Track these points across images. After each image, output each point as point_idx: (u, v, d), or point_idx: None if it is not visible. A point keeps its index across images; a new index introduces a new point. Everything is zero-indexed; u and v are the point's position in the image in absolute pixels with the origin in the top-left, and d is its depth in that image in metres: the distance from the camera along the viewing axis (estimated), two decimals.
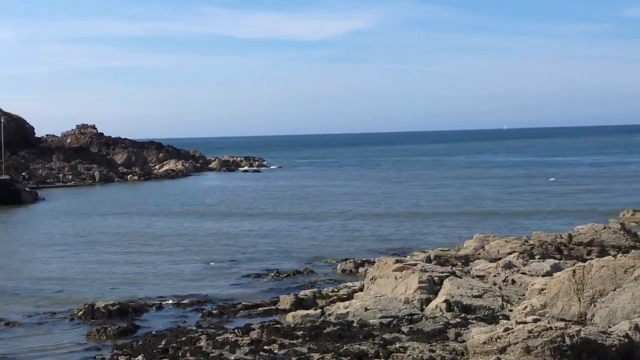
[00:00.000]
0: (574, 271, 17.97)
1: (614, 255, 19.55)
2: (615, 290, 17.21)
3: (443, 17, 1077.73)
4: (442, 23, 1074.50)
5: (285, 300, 23.09)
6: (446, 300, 20.18)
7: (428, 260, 27.90)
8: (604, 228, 32.19)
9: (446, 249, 32.64)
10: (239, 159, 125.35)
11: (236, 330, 19.21)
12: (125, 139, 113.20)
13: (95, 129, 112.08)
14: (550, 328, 14.62)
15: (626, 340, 14.57)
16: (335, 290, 24.71)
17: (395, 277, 22.24)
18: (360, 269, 28.81)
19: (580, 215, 44.67)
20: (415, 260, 25.45)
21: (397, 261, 23.51)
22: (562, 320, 16.79)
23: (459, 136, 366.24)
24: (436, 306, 20.19)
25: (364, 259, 30.50)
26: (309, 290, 24.54)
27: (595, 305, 17.26)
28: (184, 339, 18.57)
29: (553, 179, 75.90)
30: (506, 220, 44.64)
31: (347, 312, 20.60)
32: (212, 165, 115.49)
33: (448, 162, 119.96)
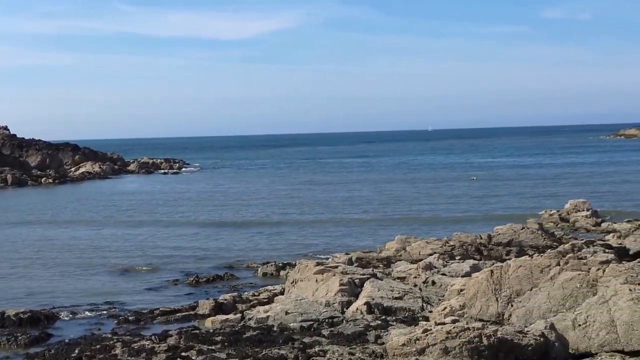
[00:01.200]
0: (492, 271, 18.13)
1: (531, 255, 19.85)
2: (531, 290, 17.42)
3: (364, 18, 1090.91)
4: (363, 24, 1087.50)
5: (204, 305, 22.63)
6: (367, 303, 20.10)
7: (349, 262, 27.86)
8: (522, 228, 32.80)
9: (368, 251, 32.66)
10: (158, 160, 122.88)
11: (153, 337, 18.69)
12: (40, 140, 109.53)
13: (8, 130, 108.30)
14: (468, 328, 14.66)
15: (542, 339, 14.73)
16: (256, 294, 24.41)
17: (316, 280, 22.06)
18: (282, 272, 28.53)
19: (500, 215, 45.47)
20: (337, 263, 25.33)
21: (318, 264, 23.35)
22: (480, 320, 16.91)
23: (383, 137, 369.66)
24: (357, 309, 20.09)
25: (286, 262, 30.24)
26: (229, 294, 24.15)
27: (512, 305, 17.43)
28: (98, 347, 17.93)
29: (474, 178, 77.33)
30: (427, 220, 45.05)
31: (268, 316, 20.30)
32: (131, 167, 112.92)
33: (372, 163, 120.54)
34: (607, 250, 21.50)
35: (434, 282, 22.42)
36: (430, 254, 28.44)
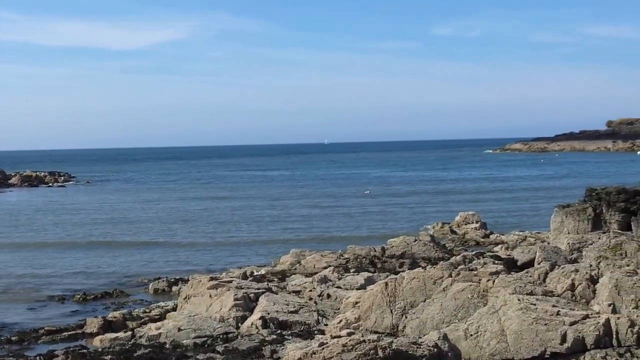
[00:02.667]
0: (386, 284, 18.23)
1: (424, 267, 20.10)
2: (425, 301, 17.62)
3: (258, 31, 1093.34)
4: (256, 36, 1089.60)
5: (93, 324, 21.81)
6: (262, 317, 19.84)
7: (244, 277, 27.51)
8: (415, 241, 33.27)
9: (262, 265, 32.41)
10: (42, 174, 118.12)
11: (38, 358, 17.90)
12: None
13: None
14: (364, 341, 14.62)
15: (435, 349, 14.86)
16: (147, 310, 23.74)
17: (210, 295, 21.64)
18: (174, 288, 27.87)
19: (392, 227, 46.12)
20: (231, 277, 24.96)
21: (212, 279, 22.94)
22: (376, 332, 16.94)
23: (279, 150, 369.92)
24: (252, 323, 19.79)
25: (178, 278, 29.59)
26: (118, 312, 23.37)
27: (406, 317, 17.56)
28: None
29: (368, 192, 78.31)
30: (320, 234, 45.08)
31: (159, 334, 19.72)
32: (13, 180, 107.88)
33: (264, 177, 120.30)
34: (496, 262, 22.00)
35: (329, 295, 22.38)
36: (325, 267, 28.43)
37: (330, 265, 28.81)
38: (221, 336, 19.12)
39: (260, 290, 22.04)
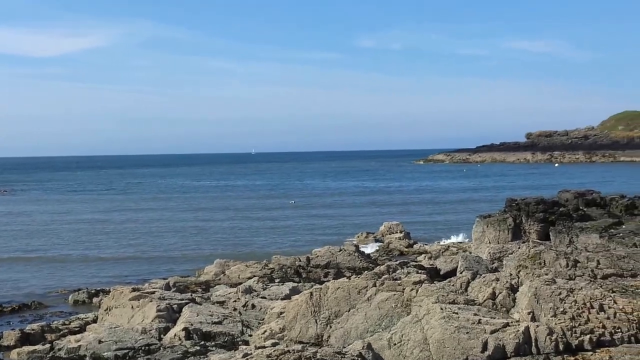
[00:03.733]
0: (311, 293, 18.20)
1: (349, 277, 20.16)
2: (349, 311, 17.65)
3: (182, 39, 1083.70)
4: (181, 45, 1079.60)
5: (9, 336, 21.13)
6: (185, 328, 19.56)
7: (167, 287, 27.09)
8: (340, 250, 33.41)
9: (186, 276, 32.00)
10: None
11: None
12: None
13: None
14: (288, 351, 14.55)
15: (359, 359, 14.89)
16: (67, 322, 23.11)
17: (132, 307, 21.24)
18: (95, 300, 27.24)
19: (317, 237, 46.22)
20: (154, 288, 24.54)
21: (133, 289, 22.52)
22: (300, 342, 16.88)
23: (205, 159, 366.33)
24: (175, 335, 19.49)
25: (99, 289, 28.93)
26: (36, 324, 22.68)
27: (331, 327, 17.57)
28: None
29: (293, 202, 78.36)
30: (244, 244, 44.80)
31: (79, 346, 19.22)
32: None
33: (189, 187, 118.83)
34: (419, 271, 22.27)
35: (253, 306, 22.25)
36: (250, 278, 28.29)
37: (255, 276, 28.68)
38: (143, 348, 18.76)
39: (183, 301, 21.75)
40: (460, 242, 40.71)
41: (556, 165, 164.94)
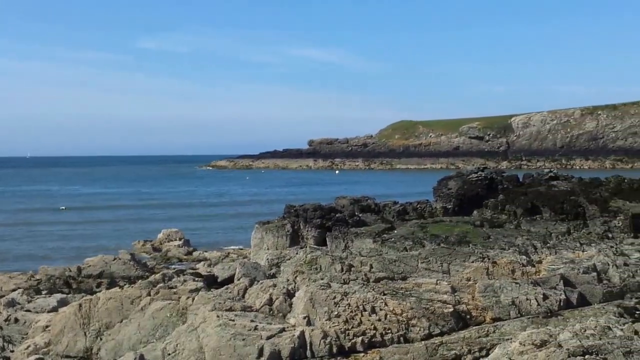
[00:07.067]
0: (80, 305, 17.19)
1: (122, 287, 19.29)
2: (122, 321, 16.84)
3: None
4: None
5: None
6: None
7: None
8: (114, 259, 32.06)
9: None
10: None
11: None
12: None
13: None
14: None
15: None
16: None
17: None
18: None
19: (90, 245, 44.19)
20: None
21: None
22: (67, 357, 15.89)
23: None
24: None
25: None
26: None
27: (101, 339, 16.65)
28: None
29: (64, 208, 74.58)
30: (7, 253, 41.97)
31: None
32: None
33: None
34: (196, 279, 21.76)
35: (17, 320, 20.61)
36: (14, 290, 26.29)
37: (19, 287, 26.69)
38: None
39: None
40: (241, 249, 40.67)
41: (337, 172, 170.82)
